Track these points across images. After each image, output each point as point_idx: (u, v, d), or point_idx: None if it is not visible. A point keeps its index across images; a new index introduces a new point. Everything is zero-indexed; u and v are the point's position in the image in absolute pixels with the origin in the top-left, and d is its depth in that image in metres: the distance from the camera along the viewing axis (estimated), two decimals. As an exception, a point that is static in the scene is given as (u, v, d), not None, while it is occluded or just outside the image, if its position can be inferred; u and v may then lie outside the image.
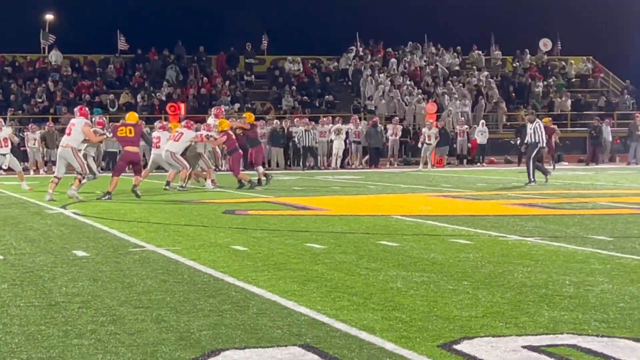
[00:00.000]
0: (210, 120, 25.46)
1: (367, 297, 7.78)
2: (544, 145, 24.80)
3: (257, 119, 31.46)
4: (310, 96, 47.81)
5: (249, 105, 45.30)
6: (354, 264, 9.72)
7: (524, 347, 6.03)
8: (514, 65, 53.64)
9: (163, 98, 44.81)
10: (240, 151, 23.95)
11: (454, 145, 41.42)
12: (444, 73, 50.99)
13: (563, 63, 54.56)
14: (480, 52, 53.74)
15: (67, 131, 19.59)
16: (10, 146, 24.60)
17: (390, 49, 52.78)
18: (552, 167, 36.14)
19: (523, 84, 51.22)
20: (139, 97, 45.05)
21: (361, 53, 52.12)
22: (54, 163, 36.01)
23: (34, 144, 36.66)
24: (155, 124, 28.33)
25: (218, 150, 25.80)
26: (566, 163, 39.83)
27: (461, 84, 49.24)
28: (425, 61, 52.30)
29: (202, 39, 51.43)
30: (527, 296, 7.81)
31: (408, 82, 48.90)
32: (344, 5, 57.34)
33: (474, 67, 52.13)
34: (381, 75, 48.91)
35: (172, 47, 50.25)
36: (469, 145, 41.88)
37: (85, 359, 5.87)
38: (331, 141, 38.48)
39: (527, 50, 54.14)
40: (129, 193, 20.43)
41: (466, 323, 6.78)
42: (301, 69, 50.18)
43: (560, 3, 57.71)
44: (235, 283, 8.57)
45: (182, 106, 41.65)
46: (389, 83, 47.94)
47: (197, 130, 25.12)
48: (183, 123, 25.17)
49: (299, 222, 14.49)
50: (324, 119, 40.02)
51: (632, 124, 39.77)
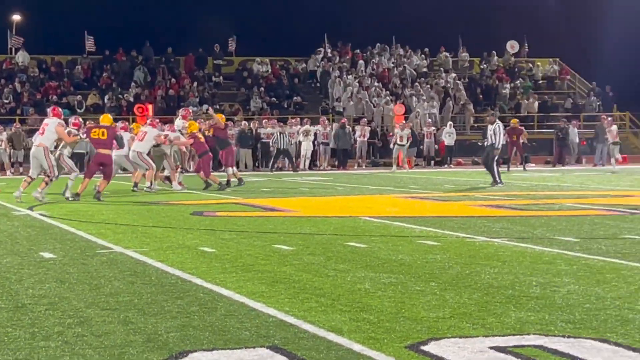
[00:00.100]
0: (177, 121, 25.33)
1: (335, 299, 7.80)
2: (499, 146, 24.83)
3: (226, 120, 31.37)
4: (278, 97, 47.77)
5: (217, 106, 45.07)
6: (322, 265, 9.73)
7: (491, 348, 6.06)
8: (482, 67, 53.81)
9: (131, 99, 44.64)
10: (210, 154, 23.90)
11: (422, 146, 41.52)
12: (412, 75, 51.06)
13: (530, 65, 54.82)
14: (447, 54, 53.82)
15: (41, 131, 19.69)
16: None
17: (358, 51, 52.74)
18: (523, 169, 36.38)
19: (490, 86, 51.43)
20: (107, 98, 44.84)
21: (329, 55, 52.04)
22: (21, 164, 36.00)
23: (1, 145, 36.41)
24: (117, 125, 28.13)
25: (186, 150, 25.68)
26: (533, 164, 40.01)
27: (429, 86, 49.34)
28: (393, 63, 52.34)
29: (170, 40, 51.22)
30: (494, 297, 7.84)
31: (376, 84, 48.94)
32: (312, 7, 57.26)
33: (442, 69, 52.23)
34: (349, 76, 48.90)
35: (140, 48, 49.99)
36: (437, 146, 41.99)
37: (52, 361, 5.85)
38: (299, 142, 38.50)
39: (495, 52, 54.28)
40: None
41: (433, 324, 6.80)
42: (269, 71, 50.11)
43: (527, 5, 57.95)
44: (203, 284, 8.56)
45: (150, 107, 41.56)
46: (357, 84, 47.93)
47: (162, 130, 25.04)
48: (148, 122, 25.09)
49: (267, 224, 14.49)
50: (292, 121, 40.06)
51: (599, 126, 39.98)
